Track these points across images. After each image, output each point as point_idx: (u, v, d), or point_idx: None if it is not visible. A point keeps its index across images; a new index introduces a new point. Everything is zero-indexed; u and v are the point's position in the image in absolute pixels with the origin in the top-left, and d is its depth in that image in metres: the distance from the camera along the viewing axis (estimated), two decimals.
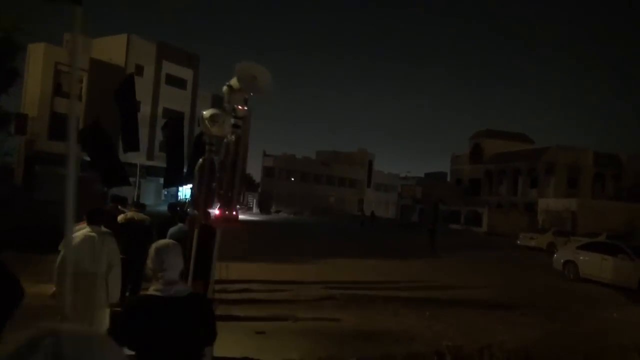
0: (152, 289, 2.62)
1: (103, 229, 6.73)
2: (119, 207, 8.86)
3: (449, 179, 76.51)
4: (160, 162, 48.76)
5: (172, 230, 7.37)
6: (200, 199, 5.06)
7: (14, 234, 11.72)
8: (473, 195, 63.55)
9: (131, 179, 10.88)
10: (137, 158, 38.92)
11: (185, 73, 48.59)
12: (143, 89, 42.98)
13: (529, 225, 40.25)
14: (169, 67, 46.53)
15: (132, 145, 9.73)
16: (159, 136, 46.40)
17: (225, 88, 4.40)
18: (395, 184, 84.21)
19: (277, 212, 55.18)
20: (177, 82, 47.69)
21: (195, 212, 5.61)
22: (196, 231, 4.98)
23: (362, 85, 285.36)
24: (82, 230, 4.93)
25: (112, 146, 9.86)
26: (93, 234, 4.91)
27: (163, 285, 2.60)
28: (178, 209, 9.89)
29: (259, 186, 62.80)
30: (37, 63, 35.94)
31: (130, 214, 8.04)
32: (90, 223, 4.98)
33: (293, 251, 19.34)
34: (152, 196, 47.07)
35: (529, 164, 58.53)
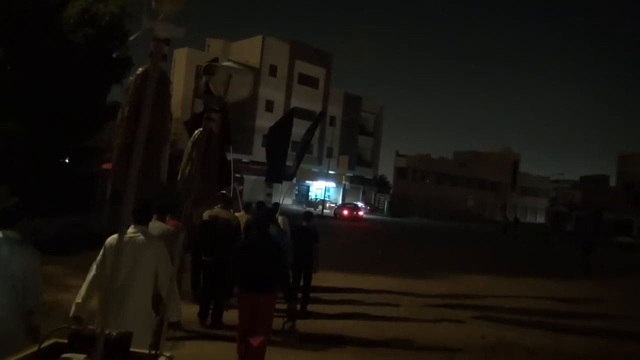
0: None
1: (163, 226, 4.97)
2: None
3: (613, 183, 65.46)
4: (291, 162, 48.97)
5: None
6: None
7: None
8: None
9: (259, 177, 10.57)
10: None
11: (318, 71, 48.17)
12: (276, 88, 43.39)
13: None
14: (302, 66, 46.46)
15: (276, 176, 9.88)
16: (293, 136, 46.59)
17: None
18: (545, 187, 75.10)
19: (410, 215, 52.10)
20: (309, 81, 47.47)
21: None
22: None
23: (505, 78, 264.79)
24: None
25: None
26: (137, 235, 3.69)
27: None
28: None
29: (390, 188, 60.20)
30: (180, 67, 38.09)
31: (215, 210, 6.80)
32: (138, 222, 3.77)
33: (422, 261, 16.60)
34: (284, 195, 47.39)
35: None
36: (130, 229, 3.65)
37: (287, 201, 47.07)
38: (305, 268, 7.70)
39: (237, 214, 8.11)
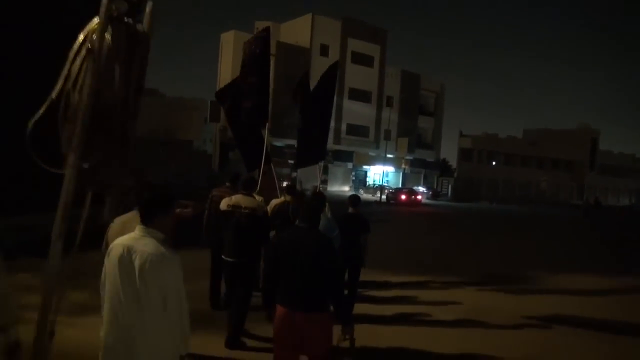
0: None
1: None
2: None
3: None
4: (347, 146, 46.91)
5: None
6: None
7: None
8: None
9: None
10: None
11: (372, 49, 45.35)
12: None
13: None
14: (355, 45, 43.85)
15: (320, 156, 8.57)
16: (347, 118, 44.27)
17: None
18: (629, 165, 68.06)
19: (476, 200, 48.29)
20: (363, 60, 44.77)
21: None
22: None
23: (581, 48, 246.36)
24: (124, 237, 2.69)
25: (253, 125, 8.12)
26: (146, 240, 2.58)
27: None
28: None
29: (454, 171, 56.39)
30: (228, 50, 36.69)
31: (236, 198, 5.35)
32: (147, 222, 2.64)
33: (501, 257, 13.78)
34: (340, 181, 45.33)
35: None
36: (138, 232, 2.62)
37: (344, 187, 44.96)
38: (352, 263, 6.39)
39: (273, 200, 6.84)
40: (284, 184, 8.57)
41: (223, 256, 5.27)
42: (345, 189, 43.86)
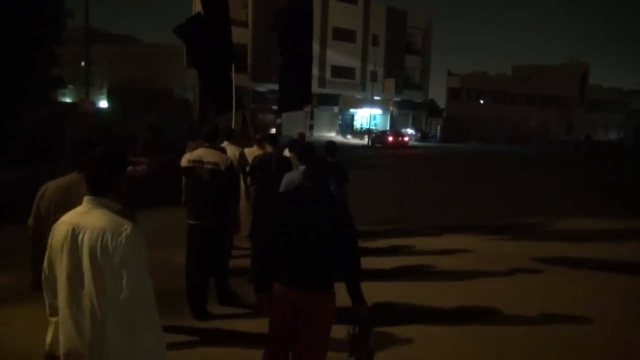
0: None
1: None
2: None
3: None
4: (332, 89, 45.26)
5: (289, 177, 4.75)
6: None
7: None
8: None
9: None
10: None
11: None
12: None
13: None
14: None
15: (305, 99, 7.84)
16: (332, 60, 42.42)
17: None
18: (620, 100, 67.39)
19: (466, 141, 47.62)
20: None
21: None
22: None
23: None
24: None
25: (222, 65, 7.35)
26: (98, 212, 2.02)
27: None
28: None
29: (443, 111, 55.28)
30: None
31: (197, 152, 4.69)
32: (96, 192, 2.07)
33: (498, 201, 13.18)
34: (326, 126, 44.19)
35: None
36: (85, 205, 2.03)
37: (330, 133, 43.85)
38: None
39: (246, 150, 6.38)
40: (272, 131, 7.89)
41: (187, 220, 4.66)
42: (332, 135, 42.80)
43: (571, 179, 18.88)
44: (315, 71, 39.40)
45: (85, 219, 1.97)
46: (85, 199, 2.03)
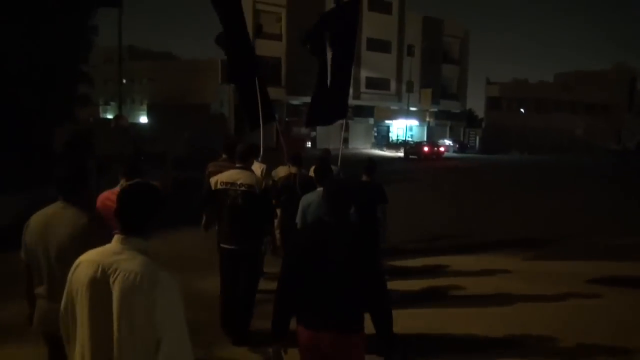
0: None
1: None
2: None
3: None
4: (367, 101, 44.75)
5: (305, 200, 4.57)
6: None
7: None
8: None
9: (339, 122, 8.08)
10: None
11: None
12: None
13: None
14: None
15: (339, 113, 7.52)
16: (366, 71, 42.00)
17: None
18: None
19: (506, 151, 45.98)
20: (381, 6, 42.00)
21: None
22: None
23: None
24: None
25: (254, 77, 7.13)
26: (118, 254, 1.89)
27: None
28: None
29: (481, 121, 53.79)
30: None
31: (229, 173, 4.45)
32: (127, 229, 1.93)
33: (548, 219, 12.26)
34: (361, 138, 43.69)
35: None
36: (115, 243, 1.91)
37: (365, 145, 43.30)
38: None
39: (279, 168, 6.19)
40: (308, 144, 7.64)
41: (220, 244, 4.53)
42: (367, 147, 42.25)
43: (618, 191, 17.59)
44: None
45: (117, 259, 1.83)
46: (116, 237, 1.89)
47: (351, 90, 41.89)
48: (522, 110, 53.97)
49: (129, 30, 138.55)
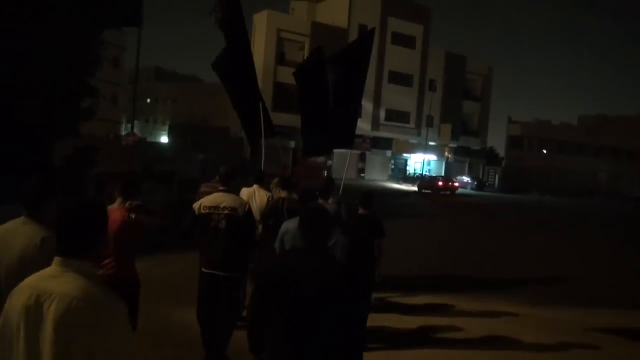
0: None
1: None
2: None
3: None
4: (386, 133, 44.53)
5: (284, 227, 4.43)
6: None
7: None
8: None
9: (354, 152, 7.86)
10: (361, 128, 34.84)
11: (414, 29, 42.68)
12: None
13: None
14: (396, 24, 41.37)
15: (347, 140, 7.41)
16: (386, 103, 41.91)
17: None
18: None
19: (526, 191, 44.98)
20: (404, 41, 42.23)
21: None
22: None
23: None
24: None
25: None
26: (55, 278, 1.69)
27: None
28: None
29: (502, 160, 52.97)
30: (261, 32, 35.13)
31: (213, 197, 4.42)
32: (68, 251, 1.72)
33: (537, 262, 11.56)
34: (378, 170, 43.27)
35: None
36: (55, 266, 1.71)
37: (382, 177, 42.83)
38: (363, 276, 5.00)
39: (261, 194, 5.89)
40: (324, 173, 7.44)
41: (202, 268, 4.44)
42: (384, 180, 41.77)
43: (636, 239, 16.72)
44: (369, 113, 38.97)
45: (52, 284, 1.64)
46: (55, 260, 1.71)
47: (370, 121, 41.82)
48: (544, 150, 53.09)
49: (158, 53, 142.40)
